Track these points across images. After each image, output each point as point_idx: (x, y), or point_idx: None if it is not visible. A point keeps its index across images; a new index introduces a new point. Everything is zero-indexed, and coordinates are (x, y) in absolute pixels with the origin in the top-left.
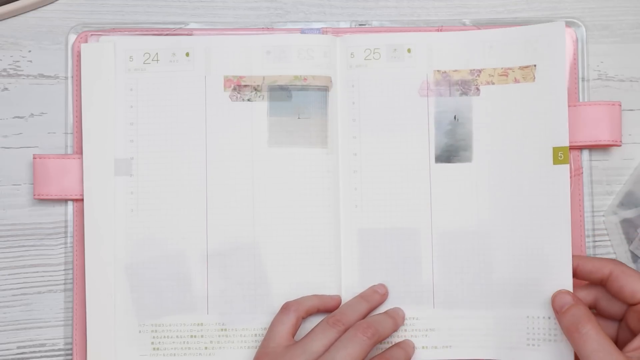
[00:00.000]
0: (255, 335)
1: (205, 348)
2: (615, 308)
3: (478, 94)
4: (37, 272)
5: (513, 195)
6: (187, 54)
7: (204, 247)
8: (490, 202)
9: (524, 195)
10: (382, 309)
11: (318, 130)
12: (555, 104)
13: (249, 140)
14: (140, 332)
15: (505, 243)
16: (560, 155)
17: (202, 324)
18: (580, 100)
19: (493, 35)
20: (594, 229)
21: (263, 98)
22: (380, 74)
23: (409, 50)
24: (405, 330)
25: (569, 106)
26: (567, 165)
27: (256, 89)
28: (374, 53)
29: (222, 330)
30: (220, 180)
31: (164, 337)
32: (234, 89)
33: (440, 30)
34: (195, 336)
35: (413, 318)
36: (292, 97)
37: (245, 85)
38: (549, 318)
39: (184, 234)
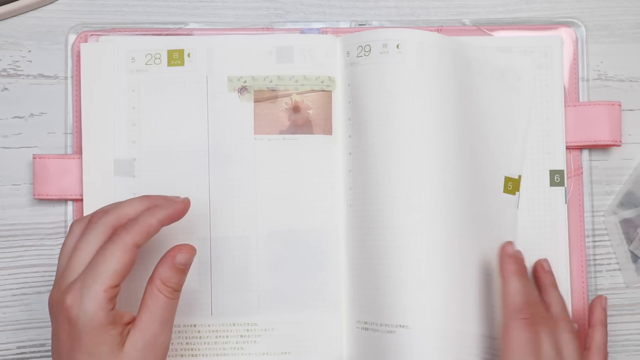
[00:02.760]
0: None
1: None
2: None
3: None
4: (37, 272)
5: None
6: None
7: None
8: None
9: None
10: None
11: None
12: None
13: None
14: None
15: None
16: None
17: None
18: (580, 100)
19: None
20: (593, 229)
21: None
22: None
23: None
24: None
25: (569, 106)
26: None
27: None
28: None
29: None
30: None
31: None
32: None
33: (440, 31)
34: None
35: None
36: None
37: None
38: None
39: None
